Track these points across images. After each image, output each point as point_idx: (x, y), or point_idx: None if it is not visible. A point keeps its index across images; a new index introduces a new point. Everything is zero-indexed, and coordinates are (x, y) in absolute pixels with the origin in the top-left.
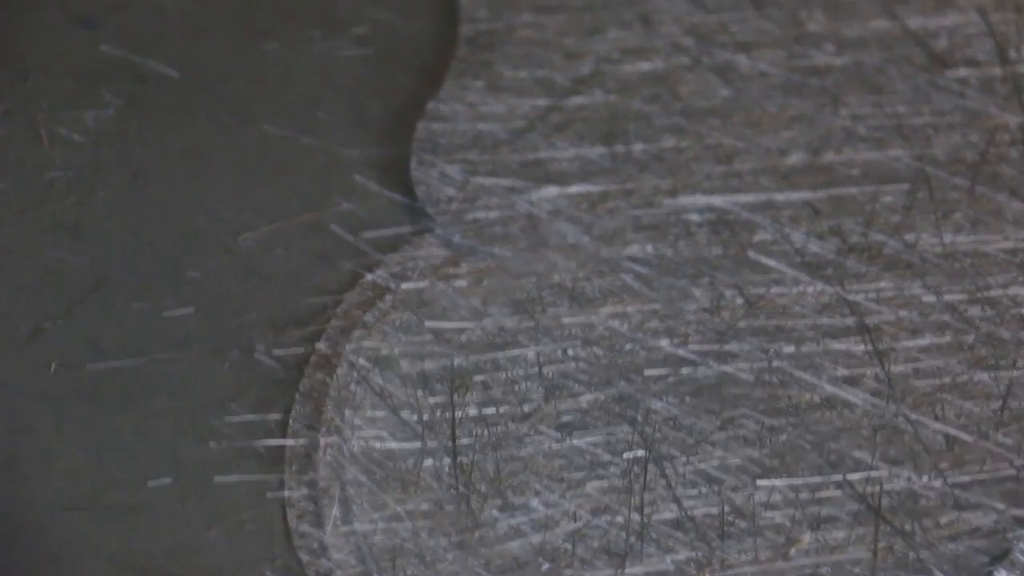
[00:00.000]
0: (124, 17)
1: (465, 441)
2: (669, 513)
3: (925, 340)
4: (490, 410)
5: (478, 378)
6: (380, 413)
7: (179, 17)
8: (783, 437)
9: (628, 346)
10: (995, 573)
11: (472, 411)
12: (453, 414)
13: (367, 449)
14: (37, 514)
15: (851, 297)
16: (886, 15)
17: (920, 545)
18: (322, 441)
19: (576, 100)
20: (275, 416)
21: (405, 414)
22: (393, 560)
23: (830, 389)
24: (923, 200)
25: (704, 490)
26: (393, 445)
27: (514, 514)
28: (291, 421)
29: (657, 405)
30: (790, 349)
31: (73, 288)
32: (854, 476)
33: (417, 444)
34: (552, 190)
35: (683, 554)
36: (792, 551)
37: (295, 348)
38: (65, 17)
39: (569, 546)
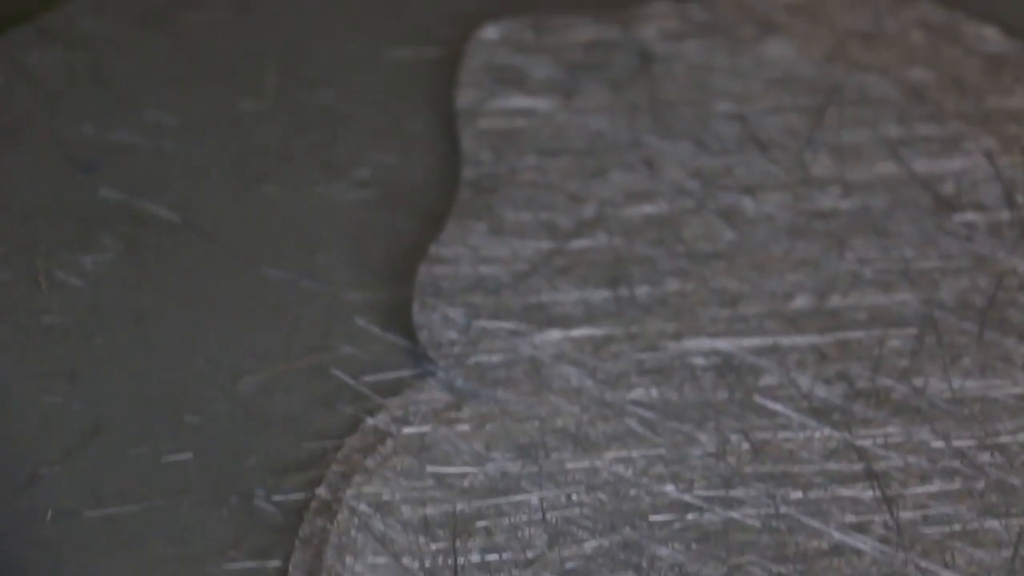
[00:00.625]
0: (124, 161)
1: None
2: None
3: (934, 486)
4: (493, 556)
5: (481, 524)
6: (381, 559)
7: (179, 161)
8: None
9: (633, 491)
10: None
11: (475, 557)
12: (455, 560)
13: None
14: None
15: (859, 443)
16: (892, 159)
17: None
18: None
19: (579, 243)
20: (275, 563)
21: (407, 560)
22: None
23: (838, 536)
24: (931, 345)
25: None
26: None
27: None
28: (291, 568)
29: (663, 551)
30: (797, 495)
31: (70, 434)
32: None
33: None
34: (555, 333)
35: None
36: None
37: (295, 494)
38: (64, 160)
39: None
